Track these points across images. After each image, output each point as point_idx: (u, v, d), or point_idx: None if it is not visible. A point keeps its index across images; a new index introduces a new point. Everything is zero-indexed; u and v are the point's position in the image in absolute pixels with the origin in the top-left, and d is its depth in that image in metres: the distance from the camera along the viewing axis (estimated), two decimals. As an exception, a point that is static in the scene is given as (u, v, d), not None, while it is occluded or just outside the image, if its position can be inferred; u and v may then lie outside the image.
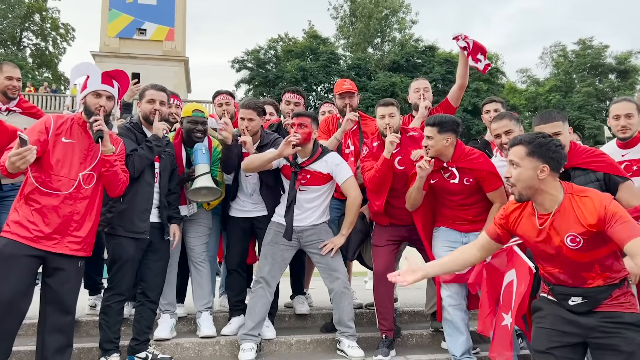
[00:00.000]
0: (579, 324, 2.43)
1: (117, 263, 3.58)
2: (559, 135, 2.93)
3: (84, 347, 3.89)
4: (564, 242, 2.40)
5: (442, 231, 3.77)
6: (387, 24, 37.83)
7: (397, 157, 3.87)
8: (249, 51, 35.03)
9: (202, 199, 4.11)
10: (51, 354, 3.12)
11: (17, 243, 3.01)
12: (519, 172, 2.45)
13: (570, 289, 2.46)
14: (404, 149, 3.87)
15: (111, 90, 3.39)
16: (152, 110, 3.77)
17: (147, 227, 3.64)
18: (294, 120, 3.92)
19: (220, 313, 4.63)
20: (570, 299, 2.45)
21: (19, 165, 2.84)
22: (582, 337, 2.44)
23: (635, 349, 2.32)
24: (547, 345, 2.48)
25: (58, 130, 3.20)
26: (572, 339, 2.46)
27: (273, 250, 3.91)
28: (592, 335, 2.41)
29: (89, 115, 3.29)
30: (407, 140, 3.93)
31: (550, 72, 40.77)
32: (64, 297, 3.17)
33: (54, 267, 3.13)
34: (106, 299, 3.61)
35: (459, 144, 3.64)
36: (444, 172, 3.65)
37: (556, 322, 2.49)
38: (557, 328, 2.47)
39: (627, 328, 2.35)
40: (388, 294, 3.91)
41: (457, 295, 3.65)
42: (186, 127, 4.18)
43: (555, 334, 2.47)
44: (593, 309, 2.41)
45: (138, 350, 3.74)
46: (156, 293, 3.84)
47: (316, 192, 3.96)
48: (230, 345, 4.03)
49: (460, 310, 3.66)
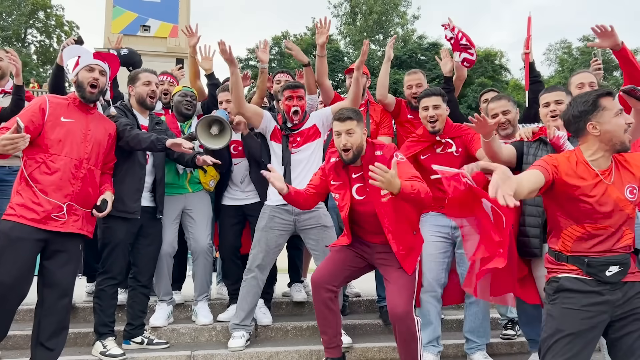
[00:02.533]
0: (609, 302, 2.42)
1: (108, 246, 3.58)
2: (561, 104, 3.24)
3: (80, 332, 3.91)
4: (624, 194, 2.44)
5: (431, 216, 3.73)
6: (388, 19, 37.68)
7: (355, 185, 3.21)
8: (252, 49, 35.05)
9: (210, 143, 3.89)
10: (46, 337, 3.13)
11: (25, 226, 3.01)
12: None
13: (608, 259, 2.43)
14: (367, 174, 2.87)
15: (104, 66, 3.39)
16: (150, 91, 3.78)
17: (137, 208, 3.63)
18: (291, 92, 3.87)
19: (217, 301, 4.63)
20: (608, 269, 2.42)
21: (8, 150, 2.86)
22: (610, 314, 2.43)
23: None
24: (576, 327, 2.42)
25: (56, 111, 3.20)
26: (601, 318, 2.43)
27: (267, 236, 3.81)
28: (618, 312, 2.42)
29: (81, 92, 3.29)
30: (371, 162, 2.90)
31: (555, 69, 40.58)
32: (62, 279, 3.18)
33: (55, 250, 3.13)
34: (99, 282, 3.61)
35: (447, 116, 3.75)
36: (437, 147, 3.67)
37: (586, 304, 2.44)
38: (587, 309, 2.42)
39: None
40: (326, 305, 3.21)
41: (434, 282, 3.63)
42: (176, 101, 4.37)
43: (586, 315, 2.42)
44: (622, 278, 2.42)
45: (134, 334, 3.75)
46: (147, 277, 3.84)
47: (309, 150, 3.89)
48: (225, 331, 4.02)
49: (433, 298, 3.64)
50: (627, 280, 2.43)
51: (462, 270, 3.64)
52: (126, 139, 3.50)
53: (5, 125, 3.07)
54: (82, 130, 3.25)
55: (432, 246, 3.63)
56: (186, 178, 4.20)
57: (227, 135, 3.87)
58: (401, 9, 38.12)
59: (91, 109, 3.37)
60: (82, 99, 3.30)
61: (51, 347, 3.13)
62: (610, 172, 2.48)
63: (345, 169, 3.25)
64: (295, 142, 3.90)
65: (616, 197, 2.43)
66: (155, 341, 3.79)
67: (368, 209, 3.16)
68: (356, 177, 3.20)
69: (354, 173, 3.21)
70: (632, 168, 2.50)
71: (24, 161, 3.16)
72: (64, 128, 3.18)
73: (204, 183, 4.25)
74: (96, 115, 3.41)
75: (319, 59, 4.23)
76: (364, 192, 3.17)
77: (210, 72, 4.68)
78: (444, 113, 3.69)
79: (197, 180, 4.24)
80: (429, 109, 3.67)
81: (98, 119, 3.41)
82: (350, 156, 3.12)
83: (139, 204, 3.66)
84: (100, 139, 3.34)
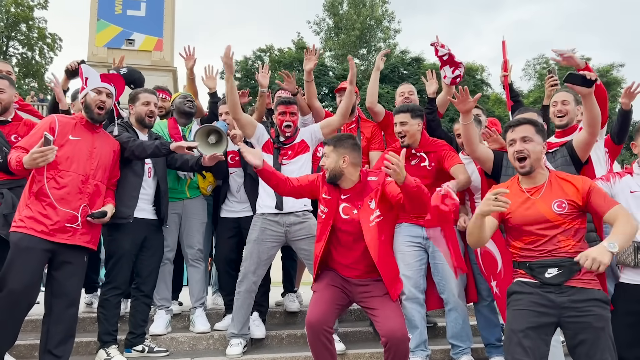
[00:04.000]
0: (553, 303, 2.63)
1: (113, 258, 3.74)
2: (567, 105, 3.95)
3: (82, 341, 4.03)
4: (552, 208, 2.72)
5: (404, 227, 3.91)
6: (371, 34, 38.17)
7: (342, 204, 3.29)
8: (237, 62, 35.19)
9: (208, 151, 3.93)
10: (54, 344, 3.28)
11: (33, 237, 3.18)
12: (533, 146, 2.80)
13: (546, 262, 2.68)
14: (358, 198, 3.27)
15: (110, 88, 3.59)
16: (148, 111, 3.96)
17: (131, 213, 3.74)
18: (284, 108, 4.06)
19: (212, 310, 4.78)
20: (547, 271, 2.66)
21: (39, 163, 3.04)
22: (557, 316, 2.63)
23: (605, 324, 2.56)
24: (524, 325, 2.64)
25: (64, 129, 3.38)
26: (548, 319, 2.64)
27: (259, 248, 3.91)
28: (566, 315, 2.61)
29: (89, 113, 3.47)
30: (363, 188, 3.31)
31: (534, 84, 41.41)
32: (70, 290, 3.35)
33: (62, 261, 3.30)
34: (103, 292, 3.76)
35: (423, 131, 3.98)
36: (412, 159, 3.92)
37: (532, 304, 2.67)
38: (533, 309, 2.66)
39: (596, 305, 2.58)
40: (325, 345, 3.14)
41: (415, 289, 3.82)
42: (178, 102, 4.61)
43: (532, 314, 2.65)
44: (566, 281, 2.62)
45: (135, 343, 3.88)
46: (150, 287, 3.99)
47: (299, 162, 4.07)
48: (223, 340, 4.18)
49: (417, 304, 3.83)
50: (574, 285, 2.63)
51: (438, 278, 3.89)
52: (131, 149, 3.68)
53: (19, 145, 3.24)
54: (88, 148, 3.43)
55: (408, 255, 3.86)
56: (186, 184, 4.39)
57: (224, 145, 4.00)
58: (385, 23, 38.62)
59: (97, 128, 3.56)
60: (90, 120, 3.48)
61: (59, 354, 3.28)
62: (540, 189, 2.81)
63: (338, 188, 3.34)
64: (287, 155, 4.08)
65: (544, 210, 2.73)
66: (155, 349, 3.92)
67: (351, 229, 3.23)
68: (345, 197, 3.30)
69: (344, 194, 3.31)
70: (565, 186, 2.78)
71: (32, 176, 3.33)
72: (71, 146, 3.37)
73: (202, 188, 4.45)
74: (101, 134, 3.60)
75: (307, 83, 4.52)
76: (349, 212, 3.26)
77: (214, 91, 4.85)
78: (412, 129, 3.86)
79: (195, 186, 4.43)
80: (397, 125, 3.91)
81: (103, 137, 3.60)
82: (327, 175, 3.30)
83: (133, 210, 3.77)
84: (106, 156, 3.53)
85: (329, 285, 3.28)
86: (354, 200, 3.27)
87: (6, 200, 3.49)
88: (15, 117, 3.90)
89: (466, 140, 3.56)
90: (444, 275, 3.84)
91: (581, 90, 3.07)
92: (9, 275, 3.11)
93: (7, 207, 3.49)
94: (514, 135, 2.85)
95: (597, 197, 2.71)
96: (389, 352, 3.08)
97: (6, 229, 3.36)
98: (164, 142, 3.74)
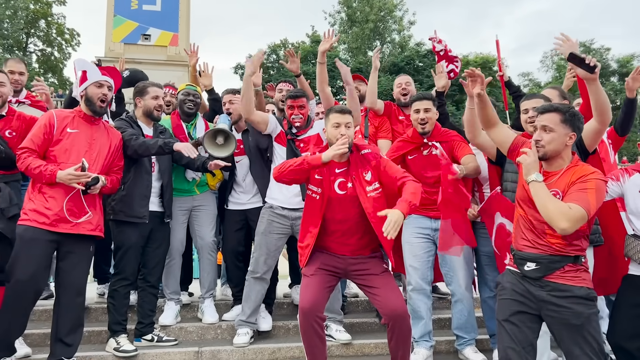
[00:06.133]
0: (532, 296, 2.64)
1: (121, 249, 3.83)
2: None
3: (93, 330, 4.15)
4: None
5: (413, 218, 3.93)
6: (385, 26, 37.96)
7: (338, 179, 3.26)
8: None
9: (217, 151, 4.08)
10: (64, 333, 3.39)
11: (37, 229, 3.28)
12: (552, 137, 2.67)
13: (526, 254, 2.68)
14: (353, 170, 3.26)
15: (110, 81, 3.67)
16: (157, 105, 4.02)
17: (146, 212, 3.86)
18: (292, 102, 4.11)
19: (221, 301, 4.86)
20: (526, 264, 2.66)
21: (72, 183, 3.28)
22: (537, 310, 2.65)
23: (584, 321, 2.53)
24: (507, 313, 2.69)
25: (63, 123, 3.47)
26: (528, 310, 2.66)
27: (267, 239, 4.03)
28: (546, 309, 2.62)
29: (91, 106, 3.55)
30: (357, 159, 3.30)
31: (552, 75, 40.87)
32: (75, 279, 3.45)
33: (67, 251, 3.40)
34: (112, 283, 3.86)
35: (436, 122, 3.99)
36: (424, 149, 3.93)
37: (514, 293, 2.70)
38: (515, 298, 2.69)
39: (576, 302, 2.55)
40: (316, 332, 3.12)
41: (422, 280, 3.86)
42: (180, 100, 4.55)
43: (514, 303, 2.69)
44: (544, 276, 2.61)
45: (144, 332, 3.98)
46: (156, 278, 4.09)
47: None
48: (231, 330, 4.26)
49: (423, 295, 3.87)
50: (555, 280, 2.60)
51: (446, 270, 3.92)
52: (133, 147, 3.75)
53: (25, 146, 3.37)
54: (87, 140, 3.51)
55: (417, 247, 3.90)
56: (195, 183, 4.44)
57: (232, 144, 4.08)
58: (397, 13, 38.34)
59: (95, 120, 3.62)
60: (92, 113, 3.56)
61: (69, 342, 3.39)
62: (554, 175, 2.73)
63: (328, 165, 3.25)
64: (299, 147, 4.13)
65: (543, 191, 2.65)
66: (164, 338, 4.02)
67: (346, 203, 3.22)
68: (340, 172, 3.26)
69: (337, 168, 3.26)
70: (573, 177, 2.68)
71: None
72: (69, 139, 3.45)
73: (211, 185, 4.51)
74: (100, 126, 3.65)
75: (319, 65, 4.32)
76: (345, 187, 3.24)
77: (211, 88, 4.89)
78: (434, 117, 3.94)
79: (204, 183, 4.49)
80: (420, 112, 3.91)
81: (102, 129, 3.65)
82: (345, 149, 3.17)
83: (147, 209, 3.88)
84: (105, 147, 3.59)
85: (319, 270, 3.25)
86: (350, 173, 3.25)
87: (3, 195, 3.54)
88: (9, 111, 3.88)
89: (468, 125, 3.49)
90: (452, 267, 3.87)
91: (585, 75, 2.88)
92: (16, 266, 3.23)
93: (5, 201, 3.53)
94: (538, 122, 2.76)
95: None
96: (392, 331, 3.11)
97: (2, 223, 3.43)
98: (168, 141, 3.80)
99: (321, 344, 3.16)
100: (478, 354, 3.85)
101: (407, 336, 3.14)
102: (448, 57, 4.60)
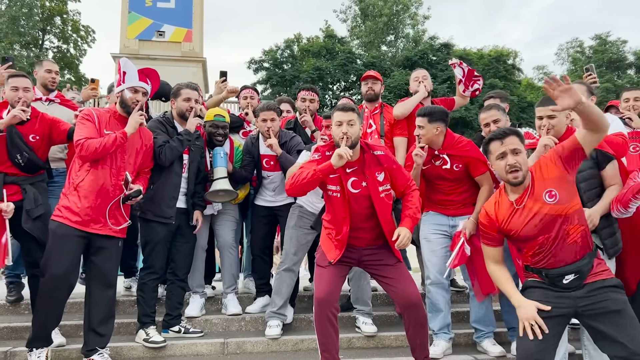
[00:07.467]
0: (570, 297, 2.70)
1: (150, 244, 3.96)
2: (554, 118, 3.33)
3: (122, 322, 4.29)
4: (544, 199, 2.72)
5: (431, 215, 4.04)
6: (399, 20, 37.82)
7: (350, 178, 3.24)
8: (265, 51, 35.38)
9: (220, 199, 4.41)
10: (97, 324, 3.53)
11: (69, 226, 3.42)
12: (523, 158, 2.78)
13: (562, 269, 2.71)
14: (367, 169, 3.24)
15: (147, 88, 3.77)
16: (189, 107, 4.11)
17: (173, 213, 3.99)
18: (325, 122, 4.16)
19: (244, 294, 4.98)
20: (564, 278, 2.71)
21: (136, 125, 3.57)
22: (573, 306, 2.69)
23: (623, 306, 2.61)
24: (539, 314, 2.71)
25: (101, 123, 3.59)
26: (561, 310, 2.70)
27: (297, 233, 4.19)
28: (581, 305, 2.67)
29: (124, 108, 3.66)
30: (369, 159, 3.28)
31: (568, 68, 40.47)
32: (107, 273, 3.59)
33: (98, 247, 3.54)
34: (142, 277, 4.00)
35: (449, 132, 3.92)
36: (435, 160, 3.93)
37: (546, 295, 2.75)
38: (548, 299, 2.73)
39: (611, 290, 2.65)
40: (331, 322, 3.17)
41: (440, 274, 3.93)
42: (208, 131, 4.49)
43: (544, 303, 2.72)
44: (583, 282, 2.69)
45: (172, 324, 4.12)
46: (184, 272, 4.22)
47: None
48: (254, 322, 4.39)
49: (441, 289, 3.95)
50: (590, 281, 2.69)
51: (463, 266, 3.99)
52: (165, 156, 3.87)
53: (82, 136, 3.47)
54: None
55: (434, 242, 3.99)
56: None
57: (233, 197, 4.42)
58: (412, 9, 38.17)
59: None
60: (127, 114, 3.66)
61: (102, 332, 3.53)
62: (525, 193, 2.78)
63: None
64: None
65: (538, 209, 2.72)
66: (191, 330, 4.15)
67: (361, 201, 3.24)
68: (351, 171, 3.25)
69: (348, 168, 3.24)
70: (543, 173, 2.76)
71: (70, 169, 3.57)
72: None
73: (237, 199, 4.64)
74: None
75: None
76: (359, 186, 3.24)
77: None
78: (428, 133, 3.82)
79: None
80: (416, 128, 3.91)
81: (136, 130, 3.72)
82: (348, 145, 3.12)
83: (174, 209, 4.01)
84: (137, 149, 3.71)
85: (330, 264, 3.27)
86: (361, 172, 3.25)
87: (28, 196, 3.66)
88: (32, 114, 3.78)
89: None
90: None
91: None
92: (49, 261, 3.39)
93: (30, 203, 3.66)
94: (504, 147, 2.77)
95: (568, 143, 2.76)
96: (409, 320, 3.21)
97: (29, 223, 3.61)
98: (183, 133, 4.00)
99: (334, 334, 3.20)
100: (496, 347, 3.93)
101: (423, 324, 3.23)
102: (470, 77, 4.66)
